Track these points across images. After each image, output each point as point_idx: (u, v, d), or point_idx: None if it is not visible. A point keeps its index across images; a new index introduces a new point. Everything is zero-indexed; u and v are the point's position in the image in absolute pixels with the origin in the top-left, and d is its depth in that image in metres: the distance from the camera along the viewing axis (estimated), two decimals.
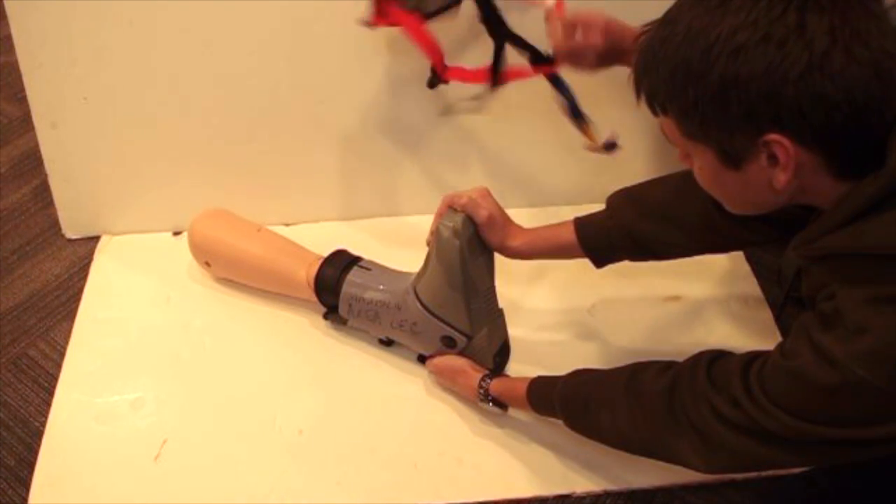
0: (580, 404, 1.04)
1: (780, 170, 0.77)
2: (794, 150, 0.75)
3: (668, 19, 0.79)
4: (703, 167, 0.85)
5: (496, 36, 1.26)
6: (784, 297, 1.17)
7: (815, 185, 0.79)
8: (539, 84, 1.37)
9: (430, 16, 1.22)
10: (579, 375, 1.07)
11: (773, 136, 0.75)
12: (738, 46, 0.73)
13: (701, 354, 0.93)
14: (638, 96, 0.84)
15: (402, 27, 1.21)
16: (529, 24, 1.23)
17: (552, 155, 1.51)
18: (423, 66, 1.36)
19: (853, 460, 0.83)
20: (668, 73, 0.78)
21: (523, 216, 1.22)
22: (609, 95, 1.40)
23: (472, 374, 1.20)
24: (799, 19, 0.72)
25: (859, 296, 0.76)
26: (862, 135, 0.74)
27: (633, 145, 1.51)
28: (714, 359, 0.91)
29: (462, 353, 1.22)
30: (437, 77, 1.28)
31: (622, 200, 1.12)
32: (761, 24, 0.72)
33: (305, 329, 1.36)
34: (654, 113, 0.84)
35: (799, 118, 0.73)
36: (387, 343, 1.32)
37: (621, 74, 0.85)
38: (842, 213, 0.76)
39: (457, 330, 1.19)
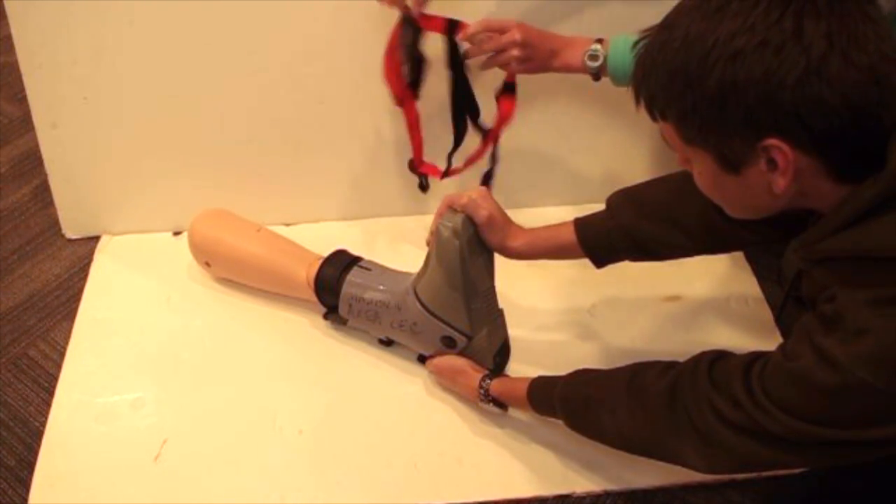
0: (581, 404, 1.04)
1: (779, 174, 0.77)
2: (792, 155, 0.75)
3: (666, 24, 0.79)
4: (703, 172, 0.85)
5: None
6: (784, 297, 1.17)
7: (815, 190, 0.79)
8: (539, 88, 1.37)
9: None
10: (580, 375, 1.07)
11: (772, 141, 0.75)
12: (736, 52, 0.73)
13: (702, 355, 0.93)
14: (637, 101, 0.84)
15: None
16: None
17: (553, 156, 1.51)
18: None
19: (854, 461, 0.83)
20: (666, 78, 0.78)
21: (524, 216, 1.21)
22: (609, 97, 1.40)
23: (473, 374, 1.20)
24: (796, 25, 0.72)
25: (860, 298, 0.76)
26: (861, 139, 0.74)
27: (632, 147, 1.51)
28: (715, 359, 0.91)
29: (462, 353, 1.22)
30: (415, 170, 1.37)
31: (622, 201, 1.12)
32: (759, 29, 0.72)
33: (305, 329, 1.36)
34: (654, 118, 0.84)
35: (797, 123, 0.73)
36: (387, 343, 1.32)
37: None
38: (842, 217, 0.77)
39: (457, 330, 1.19)
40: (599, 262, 1.16)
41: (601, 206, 1.14)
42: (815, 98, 0.72)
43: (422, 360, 1.29)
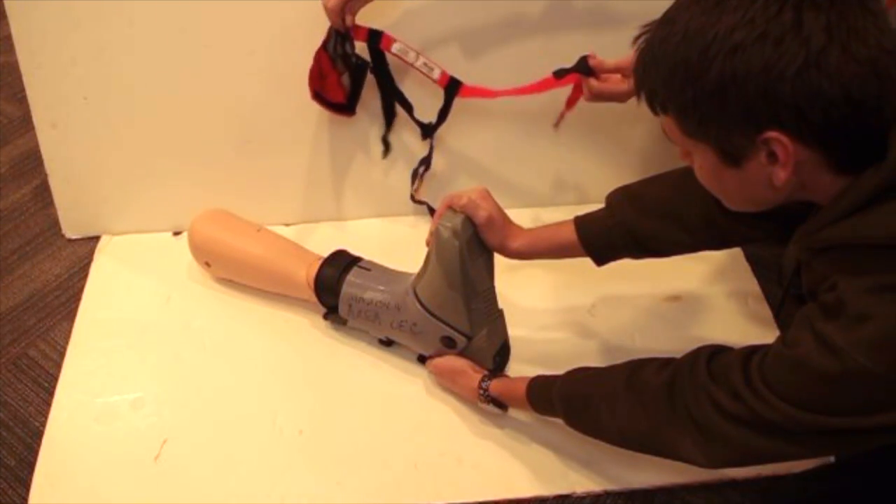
0: (580, 401, 1.04)
1: (779, 167, 0.77)
2: (793, 148, 0.75)
3: (666, 19, 0.80)
4: (704, 165, 0.85)
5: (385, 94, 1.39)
6: (783, 294, 1.17)
7: (815, 181, 0.79)
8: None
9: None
10: (578, 373, 1.07)
11: (772, 134, 0.75)
12: (736, 45, 0.73)
13: (700, 349, 0.93)
14: (638, 96, 0.85)
15: None
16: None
17: (551, 155, 1.51)
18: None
19: (854, 450, 0.84)
20: (666, 72, 0.79)
21: (523, 216, 1.22)
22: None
23: (473, 374, 1.20)
24: (796, 17, 0.72)
25: (861, 285, 0.76)
26: (861, 131, 0.74)
27: (630, 146, 1.51)
28: (714, 353, 0.91)
29: (462, 354, 1.22)
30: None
31: (622, 198, 1.12)
32: (758, 22, 0.73)
33: (305, 329, 1.36)
34: (655, 112, 0.84)
35: (797, 116, 0.74)
36: (387, 343, 1.32)
37: None
38: (843, 206, 0.77)
39: (456, 330, 1.19)
40: (600, 261, 1.16)
41: (600, 205, 1.14)
42: (814, 90, 0.72)
43: (422, 360, 1.29)
